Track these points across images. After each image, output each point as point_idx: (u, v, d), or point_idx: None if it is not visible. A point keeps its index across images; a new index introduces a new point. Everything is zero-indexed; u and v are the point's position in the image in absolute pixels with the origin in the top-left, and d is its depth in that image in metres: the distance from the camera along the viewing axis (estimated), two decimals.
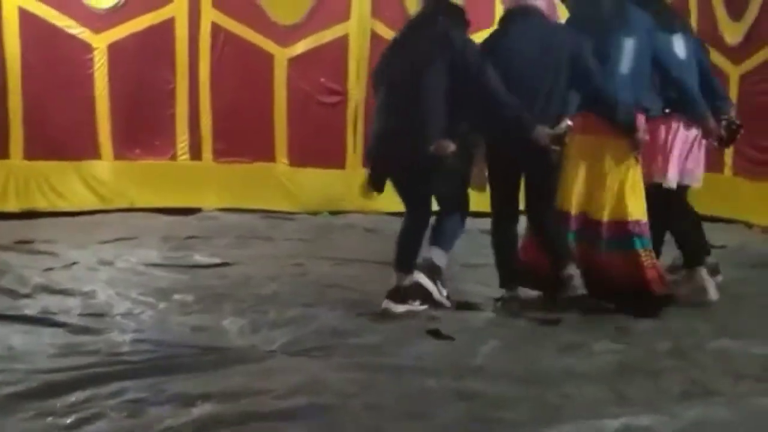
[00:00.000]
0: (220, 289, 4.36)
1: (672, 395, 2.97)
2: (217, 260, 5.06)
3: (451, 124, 3.83)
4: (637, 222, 4.05)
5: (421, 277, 3.97)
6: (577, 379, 3.13)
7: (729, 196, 7.32)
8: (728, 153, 7.42)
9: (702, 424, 2.68)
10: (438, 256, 4.03)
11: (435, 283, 4.01)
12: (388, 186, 7.20)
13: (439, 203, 4.12)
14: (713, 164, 7.51)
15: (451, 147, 3.79)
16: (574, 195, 4.10)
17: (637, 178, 4.10)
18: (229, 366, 3.11)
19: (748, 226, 7.11)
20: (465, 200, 4.17)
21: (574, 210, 4.11)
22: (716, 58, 7.59)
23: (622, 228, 4.04)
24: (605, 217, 4.05)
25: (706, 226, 6.60)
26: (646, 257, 4.04)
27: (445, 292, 4.04)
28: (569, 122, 3.82)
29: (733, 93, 7.40)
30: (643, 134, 4.02)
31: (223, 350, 3.30)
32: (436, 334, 3.68)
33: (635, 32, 4.06)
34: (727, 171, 7.47)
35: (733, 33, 7.40)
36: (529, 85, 3.83)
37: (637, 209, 4.06)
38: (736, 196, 7.30)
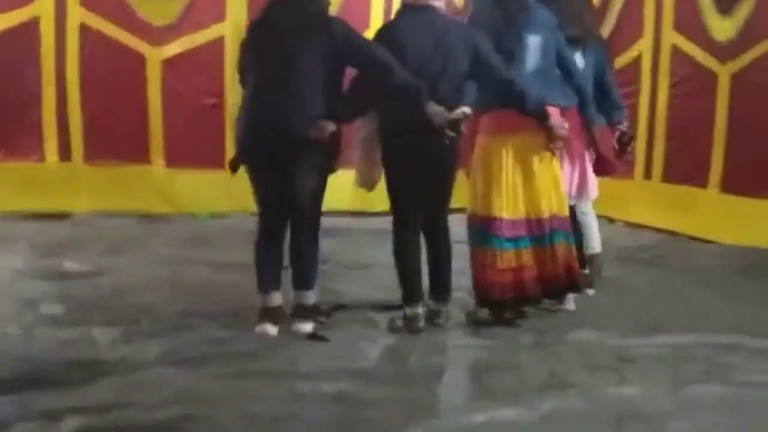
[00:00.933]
0: (92, 299, 4.25)
1: (532, 388, 3.15)
2: (88, 268, 4.91)
3: (330, 107, 3.72)
4: (562, 216, 4.07)
5: (304, 327, 3.83)
6: (446, 376, 3.28)
7: None
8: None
9: (557, 415, 2.87)
10: (308, 298, 3.89)
11: (317, 322, 3.91)
12: None
13: (298, 209, 3.85)
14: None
15: (332, 127, 3.69)
16: (517, 199, 3.98)
17: (558, 172, 4.09)
18: (99, 379, 3.07)
19: (610, 221, 7.54)
20: (319, 210, 3.93)
21: (523, 214, 3.99)
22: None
23: (563, 221, 4.06)
24: (547, 212, 4.01)
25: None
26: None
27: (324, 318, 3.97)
28: (466, 109, 3.80)
29: None
30: (559, 124, 3.95)
31: (93, 363, 3.25)
32: (311, 336, 3.75)
33: (539, 30, 4.02)
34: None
35: None
36: (419, 71, 3.74)
37: (563, 204, 4.09)
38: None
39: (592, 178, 4.68)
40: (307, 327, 3.83)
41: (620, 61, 7.51)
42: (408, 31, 3.84)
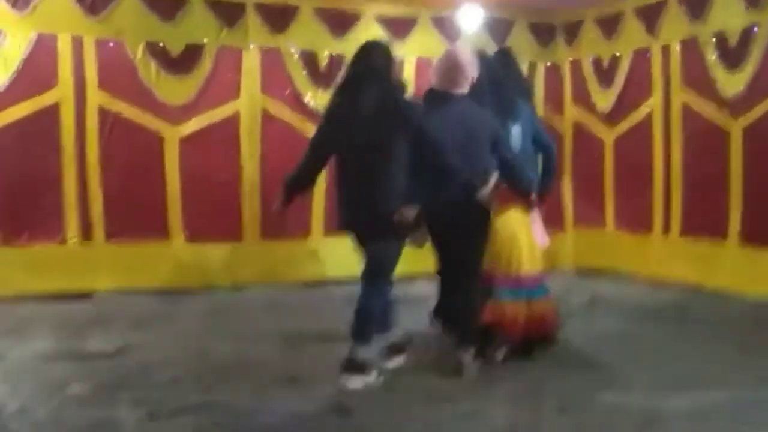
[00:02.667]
0: (117, 378, 4.26)
1: None
2: (112, 347, 4.93)
3: (410, 192, 4.11)
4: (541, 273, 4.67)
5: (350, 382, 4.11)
6: None
7: (613, 250, 7.78)
8: (610, 210, 7.93)
9: None
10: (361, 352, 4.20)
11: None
12: (291, 255, 7.36)
13: (375, 270, 4.24)
14: (598, 221, 8.05)
15: (413, 213, 4.07)
16: (501, 257, 4.55)
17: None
18: None
19: (632, 277, 7.52)
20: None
21: (502, 270, 4.54)
22: (591, 122, 8.16)
23: (538, 279, 4.62)
24: (523, 271, 4.54)
25: (594, 280, 7.03)
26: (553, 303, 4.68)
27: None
28: (495, 176, 4.34)
29: (608, 154, 7.96)
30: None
31: None
32: (338, 409, 3.73)
33: (521, 120, 4.71)
34: (610, 226, 7.94)
35: (604, 101, 7.97)
36: (465, 150, 4.22)
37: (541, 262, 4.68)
38: (619, 250, 7.76)
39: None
40: (355, 382, 4.05)
41: (632, 119, 7.64)
42: (452, 118, 4.29)
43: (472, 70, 4.42)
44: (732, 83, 6.61)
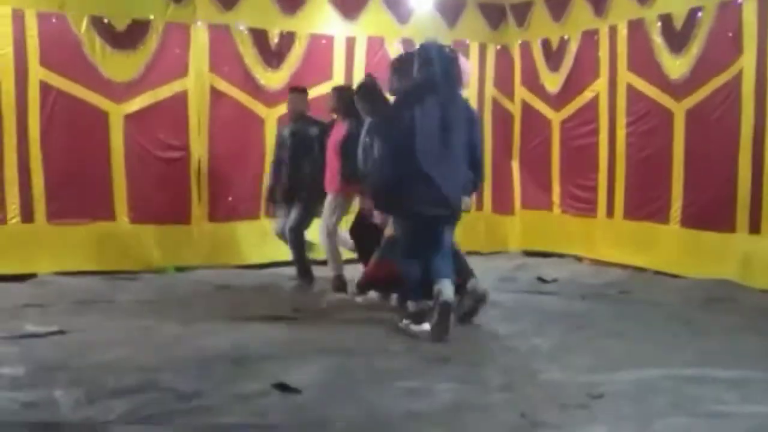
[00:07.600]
0: (55, 359, 4.15)
1: (503, 429, 3.14)
2: (51, 328, 4.80)
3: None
4: None
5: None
6: (417, 421, 3.25)
7: (558, 233, 7.85)
8: (556, 192, 7.98)
9: None
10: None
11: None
12: (240, 237, 7.29)
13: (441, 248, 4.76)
14: (544, 203, 8.07)
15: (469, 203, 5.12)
16: None
17: None
18: None
19: (578, 259, 7.62)
20: None
21: None
22: (539, 105, 8.20)
23: None
24: None
25: (540, 261, 7.10)
26: None
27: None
28: None
29: (555, 136, 8.01)
30: None
31: (55, 426, 3.15)
32: (282, 387, 3.70)
33: None
34: (556, 209, 8.00)
35: (552, 83, 8.01)
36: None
37: None
38: (564, 232, 7.83)
39: None
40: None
41: (579, 102, 7.69)
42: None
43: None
44: (676, 66, 6.70)
